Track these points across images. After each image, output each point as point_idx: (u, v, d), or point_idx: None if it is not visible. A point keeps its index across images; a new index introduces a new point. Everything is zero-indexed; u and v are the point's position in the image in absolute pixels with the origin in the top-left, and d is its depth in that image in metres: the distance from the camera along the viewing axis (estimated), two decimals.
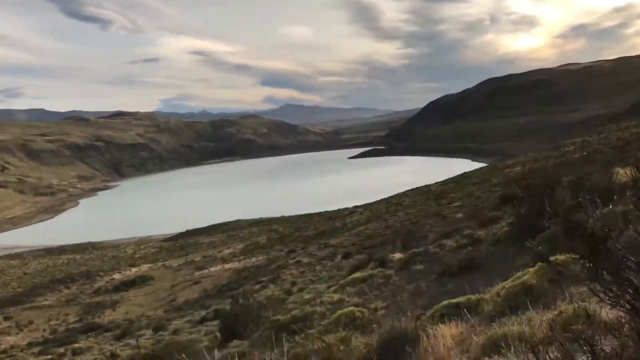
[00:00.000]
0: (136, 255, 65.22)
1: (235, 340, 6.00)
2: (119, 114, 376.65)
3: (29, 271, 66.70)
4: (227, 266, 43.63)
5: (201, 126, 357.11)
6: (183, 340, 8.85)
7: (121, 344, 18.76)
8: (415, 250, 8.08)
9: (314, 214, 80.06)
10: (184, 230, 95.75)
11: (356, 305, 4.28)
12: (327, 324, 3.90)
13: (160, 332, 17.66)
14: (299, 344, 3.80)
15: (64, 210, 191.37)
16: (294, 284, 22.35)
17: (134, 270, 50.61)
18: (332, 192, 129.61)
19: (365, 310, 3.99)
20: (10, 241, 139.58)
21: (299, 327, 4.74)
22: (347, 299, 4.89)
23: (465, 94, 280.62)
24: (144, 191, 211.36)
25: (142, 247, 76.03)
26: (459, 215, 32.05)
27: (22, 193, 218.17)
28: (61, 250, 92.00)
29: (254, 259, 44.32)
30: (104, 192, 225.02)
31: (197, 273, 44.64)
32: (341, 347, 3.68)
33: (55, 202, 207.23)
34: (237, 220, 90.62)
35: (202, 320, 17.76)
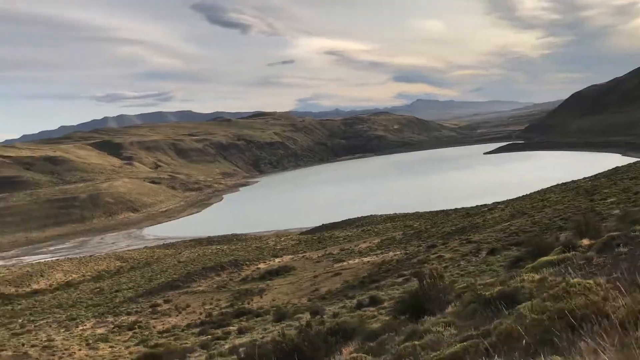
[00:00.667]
0: (277, 247, 68.35)
1: (426, 317, 6.18)
2: (259, 114, 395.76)
3: (182, 259, 72.57)
4: (365, 259, 44.23)
5: (334, 124, 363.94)
6: (362, 317, 9.21)
7: (283, 325, 19.82)
8: (613, 234, 7.67)
9: (450, 210, 78.41)
10: (319, 224, 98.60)
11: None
12: (552, 295, 3.88)
13: (319, 316, 18.40)
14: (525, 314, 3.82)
15: (210, 204, 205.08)
16: (441, 277, 22.17)
17: (277, 260, 53.10)
18: (468, 188, 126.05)
19: (596, 282, 3.90)
20: (164, 232, 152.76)
21: (507, 302, 4.78)
22: (551, 278, 4.82)
23: (615, 83, 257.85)
24: (281, 187, 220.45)
25: (282, 239, 79.45)
26: (616, 211, 29.74)
27: (173, 188, 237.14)
28: (209, 240, 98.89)
29: (391, 253, 44.50)
30: (245, 187, 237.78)
31: (336, 265, 45.77)
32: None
33: (202, 197, 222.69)
34: (371, 215, 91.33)
35: (359, 306, 18.22)
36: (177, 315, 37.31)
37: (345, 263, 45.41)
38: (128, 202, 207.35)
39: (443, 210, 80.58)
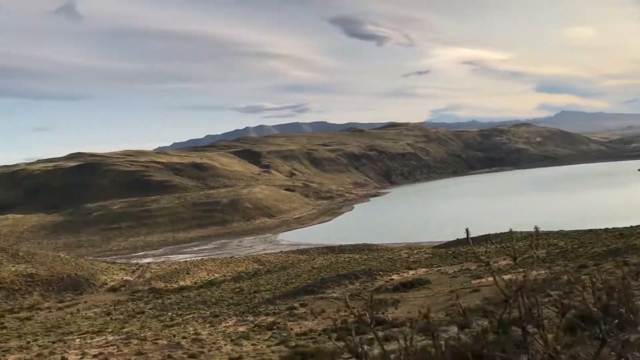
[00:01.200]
0: (410, 259, 67.45)
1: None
2: (391, 125, 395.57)
3: (316, 265, 74.18)
4: (505, 277, 42.16)
5: (470, 135, 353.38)
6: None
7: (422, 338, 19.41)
8: None
9: (600, 229, 72.42)
10: (453, 238, 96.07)
11: None
12: None
13: (467, 329, 17.74)
14: None
15: (341, 213, 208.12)
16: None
17: (411, 272, 52.38)
18: (620, 208, 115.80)
19: None
20: (297, 238, 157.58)
21: None
22: None
23: None
24: (412, 198, 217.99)
25: (415, 251, 78.31)
26: None
27: (307, 196, 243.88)
28: (341, 249, 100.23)
29: (534, 272, 41.98)
30: (376, 198, 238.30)
31: (474, 281, 44.12)
32: None
33: (334, 206, 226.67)
34: (510, 232, 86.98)
35: (512, 323, 17.29)
36: (314, 320, 38.06)
37: (483, 280, 43.61)
38: (265, 208, 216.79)
39: (591, 230, 74.71)
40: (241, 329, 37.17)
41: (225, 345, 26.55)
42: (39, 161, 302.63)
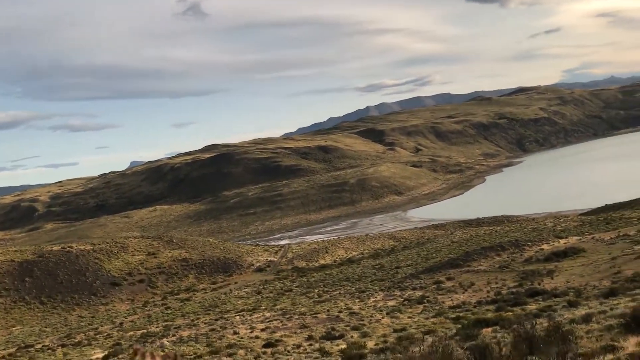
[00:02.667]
0: (557, 228, 63.67)
1: None
2: (520, 90, 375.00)
3: (455, 240, 72.61)
4: None
5: (609, 94, 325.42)
6: None
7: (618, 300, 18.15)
8: None
9: None
10: (599, 205, 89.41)
11: None
12: None
13: None
14: None
15: (472, 186, 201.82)
16: None
17: (562, 242, 49.40)
18: None
19: None
20: (428, 214, 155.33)
21: None
22: None
23: None
24: (549, 166, 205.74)
25: (562, 220, 73.83)
26: None
27: (434, 171, 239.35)
28: (479, 222, 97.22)
29: None
30: (508, 168, 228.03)
31: (636, 247, 40.62)
32: None
33: (464, 179, 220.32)
34: None
35: None
36: (464, 293, 37.21)
37: None
38: (392, 186, 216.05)
39: None
40: (391, 303, 37.28)
41: (382, 318, 26.76)
42: (179, 155, 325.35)
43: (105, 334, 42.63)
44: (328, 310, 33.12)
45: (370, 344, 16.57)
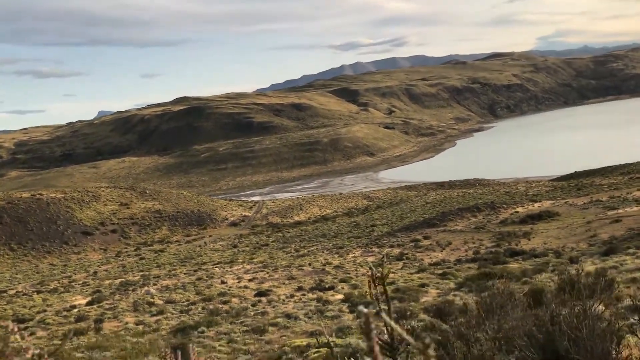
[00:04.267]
0: (530, 193, 65.03)
1: None
2: (495, 55, 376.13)
3: (429, 200, 73.57)
4: None
5: (581, 63, 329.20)
6: None
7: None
8: None
9: None
10: (567, 172, 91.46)
11: None
12: None
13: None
14: None
15: (443, 149, 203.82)
16: None
17: (536, 205, 50.53)
18: None
19: None
20: (399, 176, 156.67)
21: None
22: None
23: None
24: (518, 132, 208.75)
25: (533, 184, 75.34)
26: None
27: (406, 134, 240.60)
28: (451, 184, 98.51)
29: None
30: (479, 133, 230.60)
31: (609, 212, 41.80)
32: None
33: (435, 142, 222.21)
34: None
35: None
36: (442, 251, 37.89)
37: (621, 210, 41.15)
38: (364, 147, 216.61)
39: None
40: (370, 259, 37.75)
41: (367, 272, 27.06)
42: (149, 106, 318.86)
43: (81, 282, 42.24)
44: (310, 264, 33.35)
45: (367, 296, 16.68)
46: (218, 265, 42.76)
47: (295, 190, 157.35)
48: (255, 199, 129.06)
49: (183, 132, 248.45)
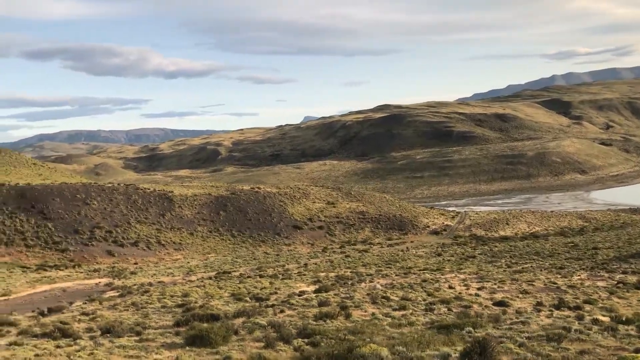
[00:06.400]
0: None
1: None
2: None
3: None
4: None
5: None
6: None
7: None
8: None
9: None
10: None
11: None
12: None
13: None
14: None
15: None
16: None
17: None
18: None
19: None
20: (614, 198, 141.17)
21: None
22: None
23: None
24: None
25: None
26: None
27: (626, 152, 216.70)
28: None
29: None
30: None
31: None
32: None
33: None
34: None
35: None
36: None
37: None
38: (575, 163, 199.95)
39: None
40: (601, 284, 33.83)
41: (608, 297, 24.06)
42: (351, 113, 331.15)
43: (295, 271, 44.52)
44: (532, 281, 30.86)
45: None
46: (424, 271, 41.97)
47: (494, 205, 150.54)
48: (451, 209, 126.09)
49: (382, 139, 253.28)
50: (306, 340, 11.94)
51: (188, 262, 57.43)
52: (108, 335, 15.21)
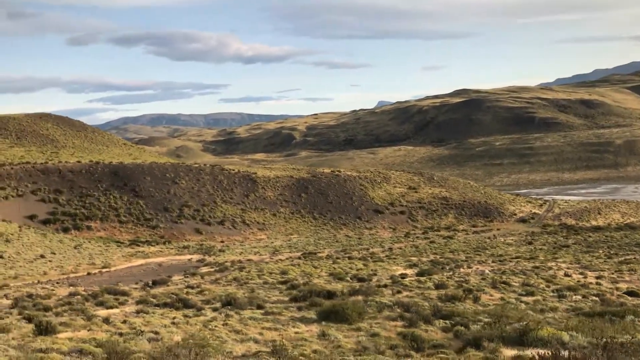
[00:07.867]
0: None
1: None
2: None
3: None
4: None
5: None
6: None
7: None
8: None
9: None
10: None
11: None
12: None
13: None
14: None
15: None
16: None
17: None
18: None
19: None
20: None
21: None
22: None
23: None
24: None
25: None
26: None
27: None
28: None
29: None
30: None
31: None
32: None
33: None
34: None
35: None
36: None
37: None
38: None
39: None
40: None
41: None
42: (427, 97, 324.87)
43: (383, 255, 44.00)
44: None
45: None
46: (516, 259, 40.38)
47: (578, 195, 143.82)
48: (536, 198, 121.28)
49: (459, 124, 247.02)
50: (447, 321, 11.43)
51: (272, 242, 58.21)
52: (229, 307, 15.28)
